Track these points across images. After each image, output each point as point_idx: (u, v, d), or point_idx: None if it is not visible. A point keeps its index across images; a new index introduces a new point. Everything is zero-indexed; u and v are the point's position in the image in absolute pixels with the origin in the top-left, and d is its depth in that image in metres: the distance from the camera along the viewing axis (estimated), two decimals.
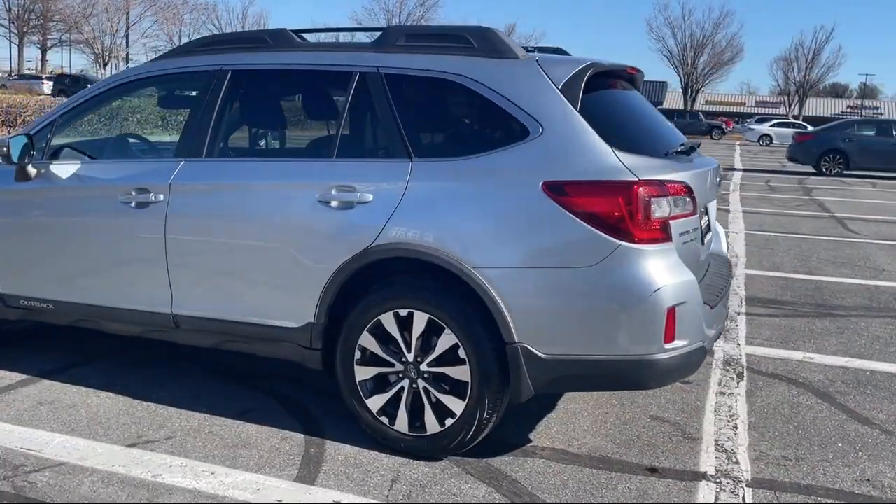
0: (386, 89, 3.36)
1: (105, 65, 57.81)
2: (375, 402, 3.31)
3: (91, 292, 3.87)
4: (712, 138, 49.76)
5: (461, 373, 3.13)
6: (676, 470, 3.25)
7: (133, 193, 3.68)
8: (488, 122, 3.32)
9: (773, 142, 45.24)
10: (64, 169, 3.91)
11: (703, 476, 3.20)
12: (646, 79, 4.00)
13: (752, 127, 49.76)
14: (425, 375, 3.21)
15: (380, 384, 3.32)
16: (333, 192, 3.29)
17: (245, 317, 3.54)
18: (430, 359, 3.19)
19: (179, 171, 3.64)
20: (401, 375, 3.26)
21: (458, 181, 3.14)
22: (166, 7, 59.15)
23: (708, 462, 3.33)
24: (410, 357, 3.22)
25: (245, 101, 3.92)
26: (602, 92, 3.35)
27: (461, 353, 3.11)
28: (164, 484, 3.00)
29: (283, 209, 3.41)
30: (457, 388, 3.16)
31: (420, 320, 3.17)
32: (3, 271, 4.08)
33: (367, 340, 3.29)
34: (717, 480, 3.16)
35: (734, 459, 3.36)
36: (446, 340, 3.13)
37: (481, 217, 3.06)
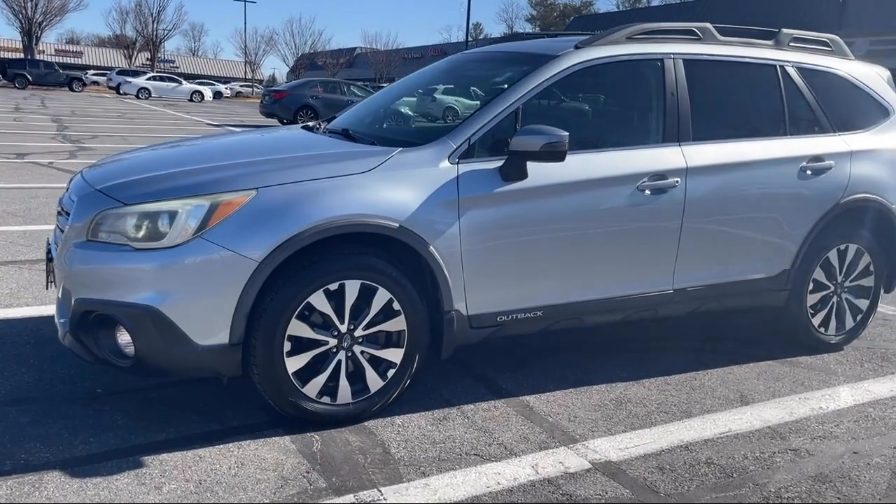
0: (798, 80, 4.63)
1: None
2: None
3: (592, 288, 3.92)
4: (73, 91, 45.64)
5: None
6: None
7: (646, 181, 3.92)
8: (859, 107, 4.90)
9: (153, 95, 45.33)
10: (569, 161, 3.66)
11: None
12: None
13: (128, 80, 47.84)
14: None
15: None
16: (806, 162, 4.45)
17: (730, 277, 4.33)
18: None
19: (689, 156, 4.07)
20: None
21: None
22: None
23: None
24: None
25: (704, 87, 4.34)
26: None
27: None
28: None
29: (774, 181, 4.38)
30: None
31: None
32: (476, 291, 3.58)
33: (819, 270, 4.69)
34: None
35: None
36: None
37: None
